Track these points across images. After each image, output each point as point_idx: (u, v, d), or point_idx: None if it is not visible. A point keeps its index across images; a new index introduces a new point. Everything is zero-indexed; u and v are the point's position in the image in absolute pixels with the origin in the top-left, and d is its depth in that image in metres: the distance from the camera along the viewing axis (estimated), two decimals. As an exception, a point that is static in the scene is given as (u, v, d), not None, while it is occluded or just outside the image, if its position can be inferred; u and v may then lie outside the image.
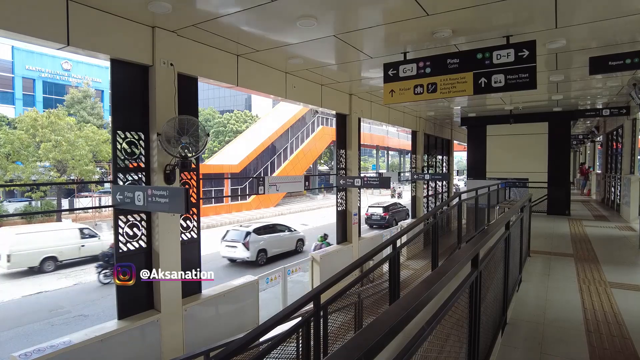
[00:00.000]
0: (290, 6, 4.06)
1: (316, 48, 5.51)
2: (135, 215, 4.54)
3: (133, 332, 4.34)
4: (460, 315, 2.03)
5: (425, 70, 4.92)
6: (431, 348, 1.63)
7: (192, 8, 4.15)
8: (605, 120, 14.15)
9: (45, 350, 3.75)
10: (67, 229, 15.03)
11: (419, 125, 13.34)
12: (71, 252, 14.00)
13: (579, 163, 23.76)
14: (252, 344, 2.29)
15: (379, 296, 4.37)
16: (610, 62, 5.09)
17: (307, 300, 2.48)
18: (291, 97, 7.14)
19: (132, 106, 4.55)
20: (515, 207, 4.73)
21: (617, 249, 7.00)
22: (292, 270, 7.99)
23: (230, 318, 5.55)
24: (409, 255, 5.79)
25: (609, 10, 4.25)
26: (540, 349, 3.19)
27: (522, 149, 12.62)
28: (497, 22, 4.57)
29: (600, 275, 5.19)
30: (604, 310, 4.00)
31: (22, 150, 20.70)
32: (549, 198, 11.76)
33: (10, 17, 3.44)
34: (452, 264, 1.84)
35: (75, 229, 14.81)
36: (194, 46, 5.10)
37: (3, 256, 12.66)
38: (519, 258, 4.61)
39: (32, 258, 13.11)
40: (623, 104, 10.25)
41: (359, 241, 9.17)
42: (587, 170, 19.44)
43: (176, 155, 4.42)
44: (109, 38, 4.18)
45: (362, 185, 8.67)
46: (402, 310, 1.22)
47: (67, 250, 13.89)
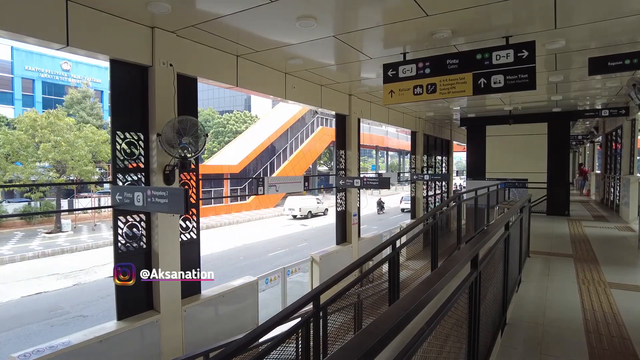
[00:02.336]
0: (290, 6, 4.06)
1: (316, 48, 5.51)
2: (134, 216, 4.53)
3: (132, 332, 4.33)
4: (459, 315, 2.03)
5: (425, 71, 4.92)
6: (431, 348, 1.63)
7: (192, 8, 4.15)
8: (604, 121, 14.17)
9: (45, 351, 3.74)
10: (313, 197, 29.06)
11: (419, 126, 13.34)
12: (316, 209, 27.74)
13: (578, 164, 23.79)
14: (251, 345, 2.29)
15: (379, 296, 4.37)
16: (609, 62, 5.09)
17: (306, 301, 2.48)
18: (291, 98, 7.14)
19: (132, 107, 4.54)
20: (515, 207, 4.73)
21: (616, 249, 7.01)
22: (291, 270, 7.98)
23: (230, 318, 5.54)
24: (408, 255, 5.79)
25: (608, 11, 4.25)
26: (540, 349, 3.19)
27: (521, 149, 12.63)
28: (497, 22, 4.57)
29: (599, 276, 5.20)
30: (604, 310, 4.01)
31: (22, 151, 20.64)
32: (548, 198, 11.77)
33: (10, 18, 3.44)
34: (451, 264, 1.84)
35: (314, 198, 28.85)
36: (194, 46, 5.10)
37: (296, 208, 26.81)
38: (518, 258, 4.62)
39: (306, 211, 26.89)
40: (622, 104, 10.26)
41: (358, 242, 9.17)
42: (586, 171, 19.46)
43: (176, 156, 4.41)
44: (108, 38, 4.18)
45: (362, 186, 8.67)
46: (402, 310, 1.22)
47: (314, 208, 27.62)
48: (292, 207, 27.14)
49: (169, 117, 4.54)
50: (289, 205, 27.38)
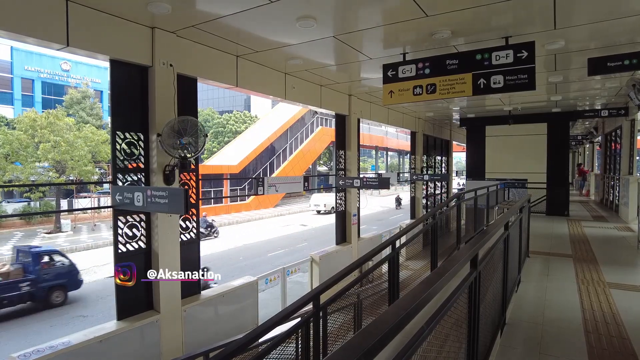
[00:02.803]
0: (290, 7, 4.06)
1: (316, 49, 5.52)
2: (134, 216, 4.53)
3: (132, 332, 4.33)
4: (459, 315, 2.04)
5: (425, 71, 4.93)
6: (430, 348, 1.64)
7: (192, 9, 4.15)
8: (604, 121, 14.18)
9: (45, 351, 3.74)
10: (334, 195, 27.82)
11: (418, 126, 13.35)
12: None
13: (577, 164, 23.81)
14: (252, 344, 2.30)
15: (378, 296, 4.37)
16: (609, 63, 5.10)
17: (307, 301, 2.49)
18: (291, 98, 7.15)
19: (132, 107, 4.55)
20: (515, 207, 4.74)
21: (616, 249, 7.02)
22: (291, 271, 7.99)
23: (230, 318, 5.54)
24: (408, 255, 5.79)
25: (608, 12, 4.26)
26: (539, 349, 3.19)
27: (521, 149, 12.64)
28: (496, 23, 4.58)
29: (599, 276, 5.21)
30: (603, 310, 4.02)
31: (21, 151, 20.64)
32: (548, 198, 11.78)
33: (11, 18, 3.44)
34: (451, 264, 1.84)
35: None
36: (194, 47, 5.10)
37: (321, 204, 28.45)
38: (518, 258, 4.62)
39: (330, 206, 26.87)
40: (622, 104, 10.27)
41: (358, 242, 9.17)
42: (585, 171, 19.47)
43: (176, 156, 4.41)
44: (108, 39, 4.18)
45: (362, 186, 8.67)
46: (401, 310, 1.22)
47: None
48: (318, 203, 29.10)
49: (169, 117, 4.54)
50: (315, 202, 29.48)
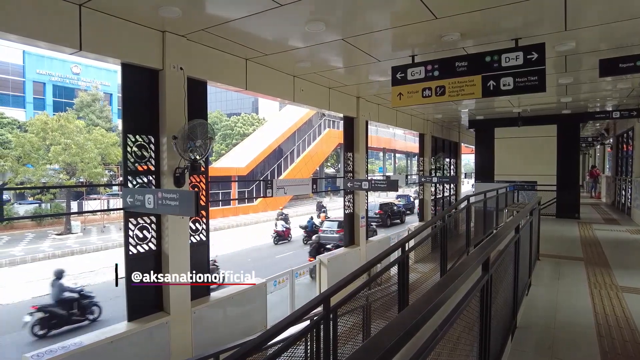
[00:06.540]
0: (299, 11, 4.09)
1: (324, 51, 5.54)
2: (145, 218, 4.58)
3: (142, 334, 4.37)
4: (471, 318, 2.03)
5: (434, 73, 4.91)
6: (442, 351, 1.63)
7: (202, 13, 4.20)
8: (615, 123, 14.00)
9: (57, 351, 3.79)
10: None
11: (427, 128, 13.30)
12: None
13: (590, 166, 23.51)
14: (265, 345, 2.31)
15: (387, 299, 4.35)
16: (620, 64, 5.05)
17: (317, 303, 2.49)
18: (299, 100, 7.17)
19: (142, 110, 4.60)
20: (525, 210, 4.69)
21: (628, 252, 6.93)
22: (299, 273, 8.00)
23: (239, 320, 5.56)
24: (416, 258, 5.77)
25: (619, 12, 4.21)
26: (551, 354, 3.16)
27: (530, 151, 12.53)
28: (506, 25, 4.56)
29: (611, 280, 5.14)
30: (616, 314, 3.96)
31: (33, 153, 20.96)
32: (558, 201, 11.65)
33: (25, 24, 3.51)
34: (463, 267, 1.84)
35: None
36: (204, 50, 5.15)
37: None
38: (528, 261, 4.58)
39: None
40: (634, 106, 10.13)
41: (366, 244, 9.15)
42: (597, 173, 19.22)
43: (187, 159, 4.46)
44: (120, 43, 4.24)
45: (370, 188, 8.66)
46: (416, 313, 1.22)
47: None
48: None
49: (179, 120, 4.59)
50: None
